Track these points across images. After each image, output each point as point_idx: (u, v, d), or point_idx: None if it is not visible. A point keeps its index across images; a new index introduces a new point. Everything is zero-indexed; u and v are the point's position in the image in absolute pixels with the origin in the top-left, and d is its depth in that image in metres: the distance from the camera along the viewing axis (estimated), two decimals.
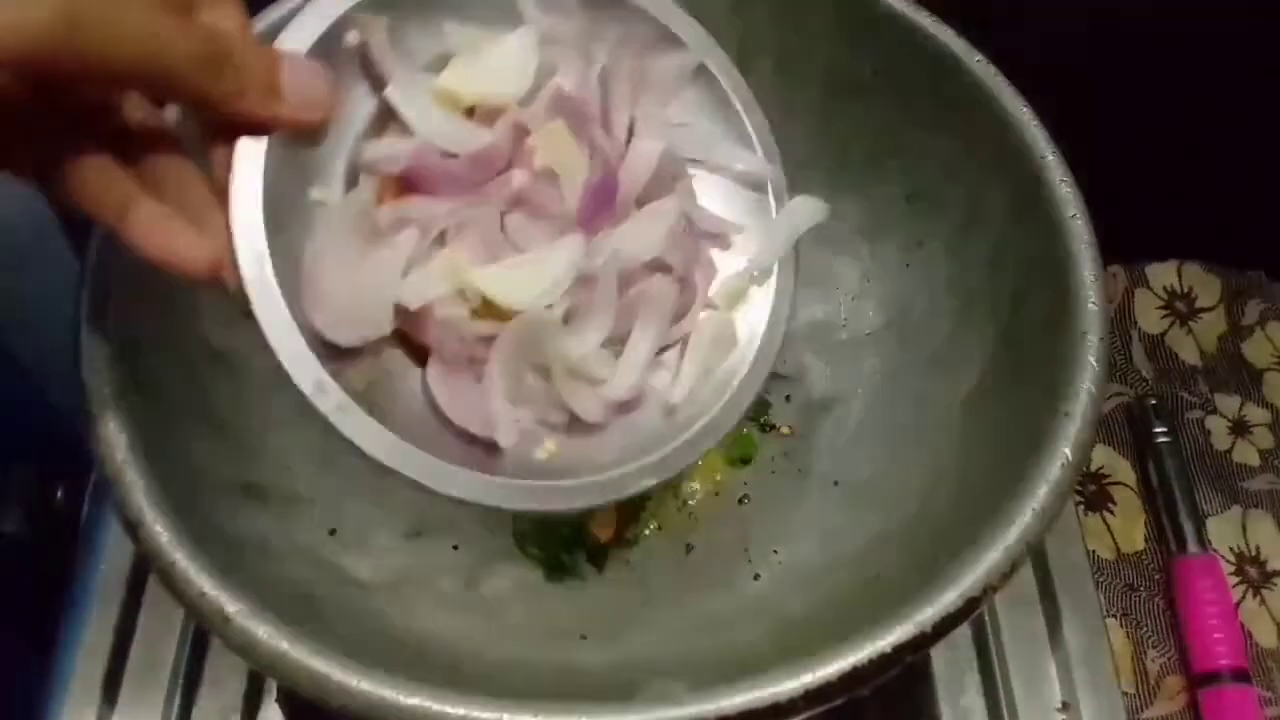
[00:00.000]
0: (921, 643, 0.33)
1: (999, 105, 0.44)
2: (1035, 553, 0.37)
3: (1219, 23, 0.59)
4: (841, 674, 0.33)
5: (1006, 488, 0.37)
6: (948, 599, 0.34)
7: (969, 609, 0.34)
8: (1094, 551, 0.60)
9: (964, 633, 0.50)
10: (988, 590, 0.34)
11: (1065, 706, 0.48)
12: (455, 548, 0.47)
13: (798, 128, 0.51)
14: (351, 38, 0.34)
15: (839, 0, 0.48)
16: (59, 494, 0.56)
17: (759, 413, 0.52)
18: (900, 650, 0.33)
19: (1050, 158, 0.42)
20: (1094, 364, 0.38)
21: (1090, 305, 0.39)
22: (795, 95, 0.50)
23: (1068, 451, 0.36)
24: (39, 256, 0.64)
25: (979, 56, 0.45)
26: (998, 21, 0.45)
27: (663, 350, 0.37)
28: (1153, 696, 0.57)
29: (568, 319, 0.35)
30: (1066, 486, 0.36)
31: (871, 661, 0.33)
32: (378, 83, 0.34)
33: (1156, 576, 0.60)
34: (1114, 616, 0.59)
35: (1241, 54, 0.60)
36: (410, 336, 0.34)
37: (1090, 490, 0.63)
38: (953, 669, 0.49)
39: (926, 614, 0.33)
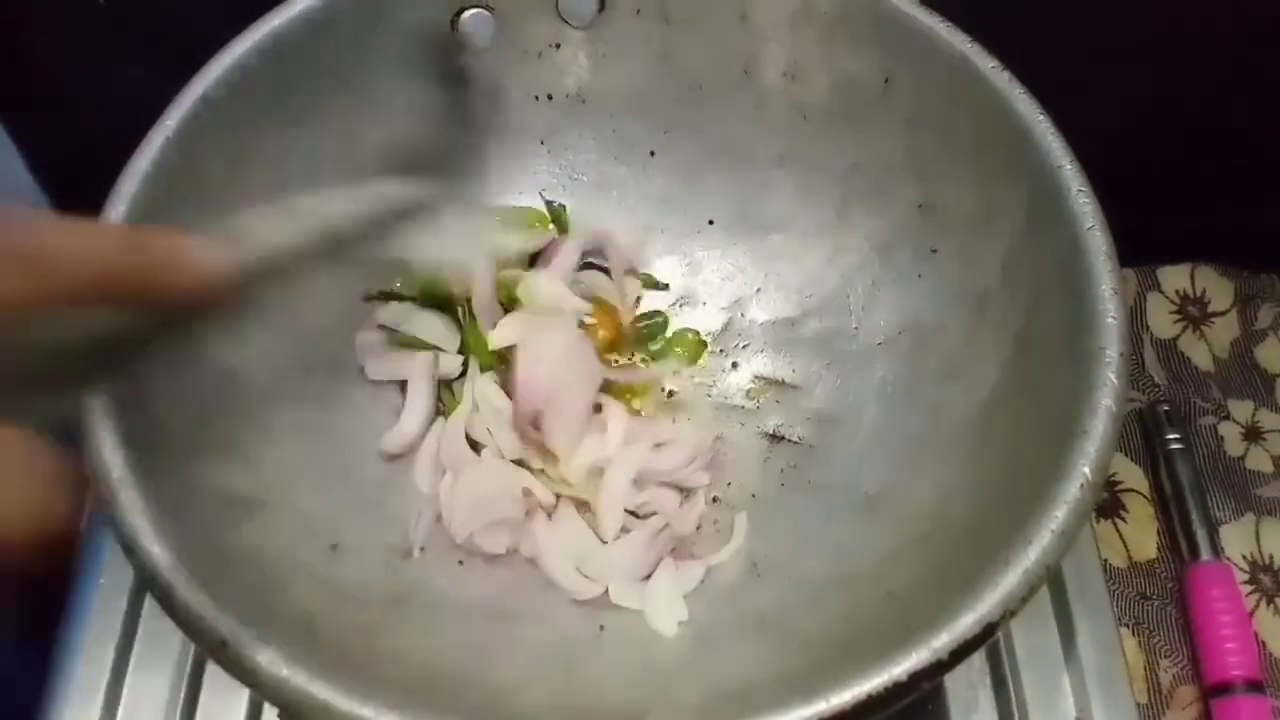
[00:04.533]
0: (938, 670, 0.32)
1: (1014, 112, 0.43)
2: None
3: (1231, 21, 0.58)
4: (856, 702, 0.32)
5: (1024, 507, 0.36)
6: (964, 624, 0.33)
7: (986, 634, 0.33)
8: (1106, 560, 0.59)
9: None
10: (1006, 615, 0.33)
11: None
12: (460, 563, 0.46)
13: (809, 134, 0.50)
14: None
15: (848, 6, 0.47)
16: None
17: (751, 395, 0.52)
18: (916, 678, 0.32)
19: (1068, 167, 0.41)
20: (1114, 380, 0.37)
21: (1109, 320, 0.38)
22: (805, 103, 0.50)
23: (1087, 471, 0.35)
24: None
25: (993, 62, 0.44)
26: (1009, 25, 0.44)
27: None
28: (1165, 707, 0.56)
29: None
30: (1086, 507, 0.35)
31: (886, 690, 0.32)
32: None
33: (1169, 585, 0.59)
34: (1126, 626, 0.58)
35: (1255, 52, 0.60)
36: None
37: (1102, 498, 0.62)
38: (965, 684, 0.48)
39: (943, 640, 0.33)
